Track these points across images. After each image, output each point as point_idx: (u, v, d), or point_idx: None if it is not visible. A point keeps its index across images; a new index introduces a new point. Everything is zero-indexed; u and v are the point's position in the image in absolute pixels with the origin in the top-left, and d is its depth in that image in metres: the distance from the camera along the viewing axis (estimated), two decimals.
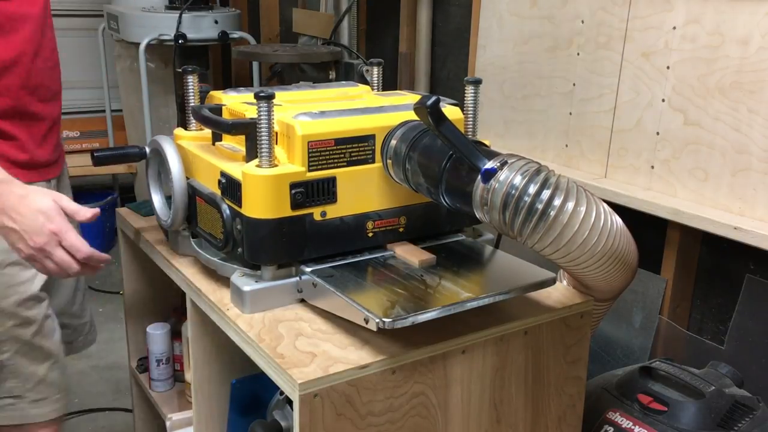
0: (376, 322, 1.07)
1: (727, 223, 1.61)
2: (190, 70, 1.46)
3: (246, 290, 1.23)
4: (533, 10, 2.11)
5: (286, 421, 1.32)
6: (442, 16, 2.61)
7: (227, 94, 1.46)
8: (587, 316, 1.33)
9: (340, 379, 1.08)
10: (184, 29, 3.28)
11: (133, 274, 1.79)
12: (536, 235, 1.07)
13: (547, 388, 1.32)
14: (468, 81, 1.34)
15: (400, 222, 1.32)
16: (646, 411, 1.46)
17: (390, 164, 1.26)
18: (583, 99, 1.99)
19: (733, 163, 1.65)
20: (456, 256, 1.34)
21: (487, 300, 1.17)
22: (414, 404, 1.16)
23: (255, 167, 1.20)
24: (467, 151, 1.11)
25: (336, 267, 1.27)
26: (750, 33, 1.59)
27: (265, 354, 1.13)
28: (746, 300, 1.72)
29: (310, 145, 1.21)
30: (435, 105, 1.10)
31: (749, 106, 1.61)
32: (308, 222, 1.23)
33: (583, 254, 1.10)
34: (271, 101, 1.18)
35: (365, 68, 2.68)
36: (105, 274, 3.61)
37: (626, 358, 1.89)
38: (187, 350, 1.56)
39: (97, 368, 2.79)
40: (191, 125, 1.47)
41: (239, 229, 1.24)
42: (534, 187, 1.05)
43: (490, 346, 1.22)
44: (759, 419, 1.44)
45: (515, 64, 2.19)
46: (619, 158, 1.91)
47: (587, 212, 1.08)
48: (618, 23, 1.87)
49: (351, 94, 1.55)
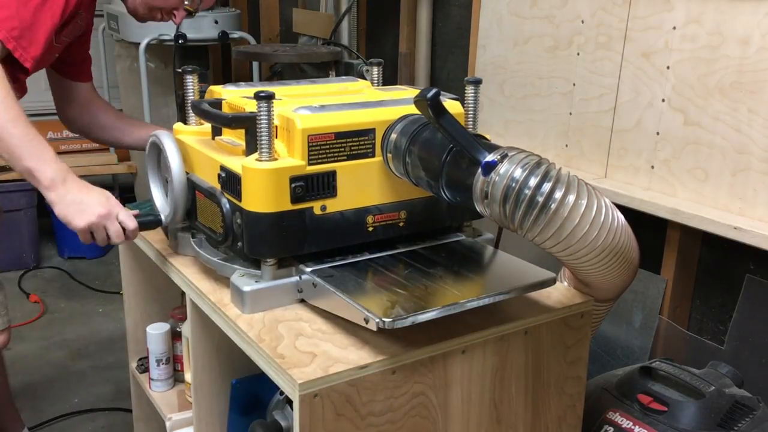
0: (376, 322, 1.07)
1: (727, 223, 1.61)
2: (190, 70, 1.46)
3: (246, 290, 1.23)
4: (533, 10, 2.11)
5: (286, 421, 1.32)
6: (442, 16, 2.61)
7: (227, 89, 1.46)
8: (587, 316, 1.33)
9: (340, 379, 1.07)
10: (184, 29, 3.27)
11: (133, 274, 1.79)
12: (537, 228, 1.07)
13: (547, 388, 1.32)
14: (468, 81, 1.34)
15: (401, 216, 1.32)
16: (646, 411, 1.46)
17: (390, 158, 1.26)
18: (583, 99, 1.99)
19: (733, 163, 1.65)
20: (456, 256, 1.34)
21: (487, 300, 1.17)
22: (414, 404, 1.15)
23: (255, 161, 1.20)
24: (468, 144, 1.11)
25: (336, 267, 1.27)
26: (750, 33, 1.59)
27: (265, 354, 1.13)
28: (746, 300, 1.72)
29: (310, 138, 1.21)
30: (435, 98, 1.10)
31: (749, 106, 1.61)
32: (308, 216, 1.23)
33: (584, 248, 1.10)
34: (270, 101, 1.18)
35: (365, 68, 2.68)
36: (105, 274, 3.61)
37: (626, 358, 1.89)
38: (187, 350, 1.56)
39: (97, 368, 2.79)
40: (191, 120, 1.47)
41: (239, 223, 1.24)
42: (535, 179, 1.05)
43: (490, 346, 1.22)
44: (759, 419, 1.44)
45: (515, 64, 2.19)
46: (619, 158, 1.91)
47: (588, 206, 1.07)
48: (618, 23, 1.87)
49: (351, 89, 1.54)
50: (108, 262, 3.74)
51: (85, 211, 1.37)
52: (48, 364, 2.80)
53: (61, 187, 1.38)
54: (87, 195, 1.39)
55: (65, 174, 1.39)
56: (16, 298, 3.28)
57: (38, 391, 2.62)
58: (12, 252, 3.54)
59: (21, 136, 1.37)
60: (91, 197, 1.38)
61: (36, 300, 3.29)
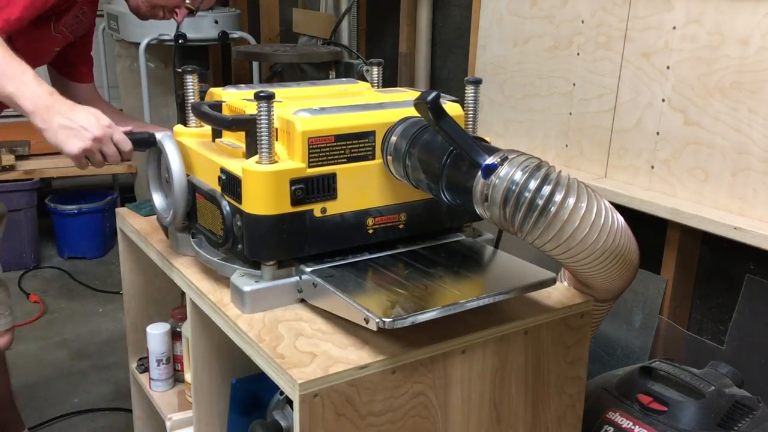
0: (376, 322, 1.07)
1: (727, 223, 1.61)
2: (190, 70, 1.46)
3: (246, 290, 1.23)
4: (533, 10, 2.11)
5: (286, 421, 1.32)
6: (442, 16, 2.61)
7: (227, 91, 1.46)
8: (587, 316, 1.33)
9: (340, 379, 1.07)
10: (184, 29, 3.27)
11: (133, 274, 1.78)
12: (537, 231, 1.07)
13: (547, 388, 1.32)
14: (468, 81, 1.34)
15: (401, 219, 1.32)
16: (646, 411, 1.46)
17: (390, 160, 1.26)
18: (583, 99, 1.99)
19: (733, 163, 1.65)
20: (456, 256, 1.34)
21: (487, 300, 1.17)
22: (414, 404, 1.16)
23: (255, 163, 1.20)
24: (468, 146, 1.11)
25: (336, 267, 1.27)
26: (750, 33, 1.59)
27: (265, 354, 1.13)
28: (746, 300, 1.72)
29: (310, 141, 1.21)
30: (435, 100, 1.10)
31: (749, 106, 1.61)
32: (308, 218, 1.23)
33: (584, 251, 1.10)
34: (270, 101, 1.18)
35: (365, 68, 2.68)
36: (105, 274, 3.61)
37: (626, 358, 1.89)
38: (187, 350, 1.56)
39: (97, 368, 2.79)
40: (191, 122, 1.47)
41: (239, 226, 1.24)
42: (534, 182, 1.05)
43: (490, 346, 1.22)
44: (759, 419, 1.44)
45: (515, 64, 2.19)
46: (619, 158, 1.91)
47: (588, 209, 1.07)
48: (618, 23, 1.87)
49: (351, 91, 1.54)
50: (108, 262, 3.74)
51: (78, 136, 1.30)
52: (48, 364, 2.81)
53: (46, 111, 1.30)
54: (76, 116, 1.30)
55: (49, 96, 1.32)
56: (16, 298, 3.28)
57: (38, 391, 2.62)
58: (12, 252, 3.54)
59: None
60: (81, 119, 1.30)
61: (36, 300, 3.29)
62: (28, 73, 1.33)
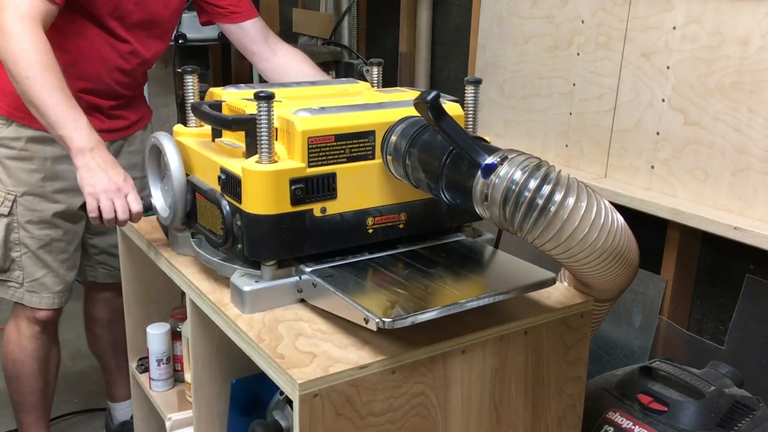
0: (376, 322, 1.07)
1: (727, 223, 1.61)
2: (190, 70, 1.46)
3: (246, 290, 1.23)
4: (533, 10, 2.11)
5: (286, 421, 1.32)
6: (442, 16, 2.61)
7: (227, 91, 1.46)
8: (587, 316, 1.33)
9: (340, 379, 1.07)
10: (184, 29, 3.27)
11: (133, 274, 1.78)
12: (536, 231, 1.07)
13: (547, 388, 1.32)
14: (468, 81, 1.34)
15: (401, 218, 1.32)
16: (646, 411, 1.46)
17: (390, 160, 1.26)
18: (583, 99, 1.99)
19: (733, 163, 1.65)
20: (456, 256, 1.34)
21: (487, 300, 1.17)
22: (414, 404, 1.16)
23: (255, 163, 1.20)
24: (467, 146, 1.11)
25: (336, 267, 1.27)
26: (750, 33, 1.59)
27: (265, 354, 1.13)
28: (746, 300, 1.72)
29: (310, 140, 1.21)
30: (435, 100, 1.10)
31: (749, 106, 1.61)
32: (308, 218, 1.23)
33: (584, 250, 1.10)
34: (270, 101, 1.18)
35: (365, 68, 2.68)
36: None
37: (626, 358, 1.89)
38: (187, 350, 1.56)
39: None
40: (191, 122, 1.47)
41: (239, 226, 1.24)
42: (534, 182, 1.05)
43: (490, 346, 1.22)
44: (759, 419, 1.44)
45: (515, 64, 2.19)
46: (619, 158, 1.91)
47: (588, 208, 1.07)
48: (618, 23, 1.87)
49: (351, 91, 1.55)
50: None
51: (100, 180, 1.46)
52: None
53: (88, 154, 1.47)
54: (108, 168, 1.47)
55: (94, 144, 1.49)
56: None
57: None
58: None
59: (55, 105, 1.48)
60: (110, 171, 1.47)
61: None
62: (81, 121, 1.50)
